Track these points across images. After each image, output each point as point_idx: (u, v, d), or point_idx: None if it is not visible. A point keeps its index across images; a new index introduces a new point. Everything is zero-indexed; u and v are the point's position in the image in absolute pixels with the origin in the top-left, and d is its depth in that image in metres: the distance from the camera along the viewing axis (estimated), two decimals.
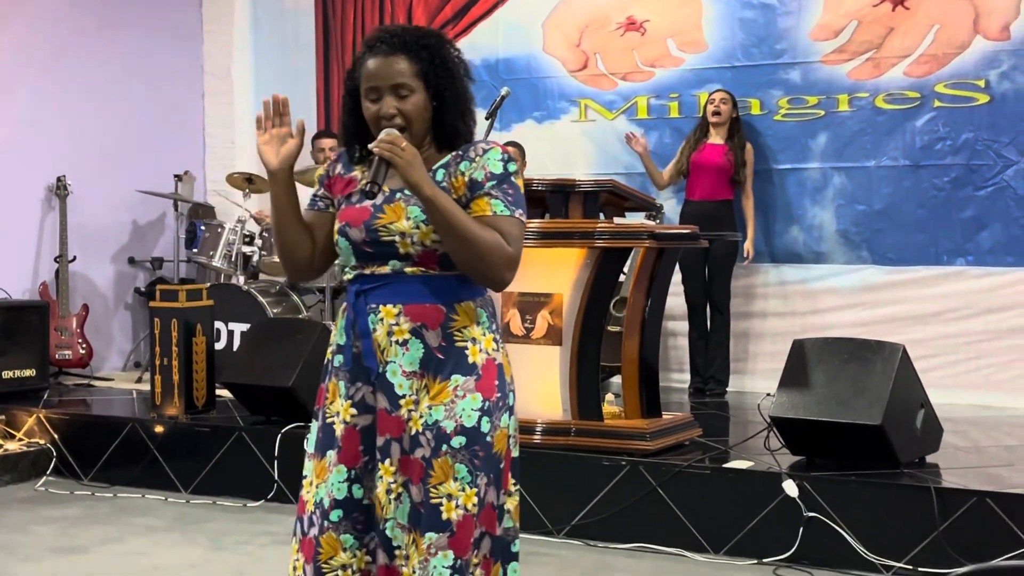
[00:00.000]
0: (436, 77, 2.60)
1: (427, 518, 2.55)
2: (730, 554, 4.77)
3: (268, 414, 6.00)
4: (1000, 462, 5.19)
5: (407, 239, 2.57)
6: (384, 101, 2.59)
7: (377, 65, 2.59)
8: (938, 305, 6.96)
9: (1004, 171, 6.81)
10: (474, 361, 2.61)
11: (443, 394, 2.58)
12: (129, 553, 4.96)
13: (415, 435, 2.58)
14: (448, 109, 2.62)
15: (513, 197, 2.60)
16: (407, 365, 2.59)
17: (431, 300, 2.59)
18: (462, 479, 2.55)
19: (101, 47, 8.20)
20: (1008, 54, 6.79)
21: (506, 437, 2.64)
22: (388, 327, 2.59)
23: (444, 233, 2.52)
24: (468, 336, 2.61)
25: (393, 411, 2.60)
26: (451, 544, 2.54)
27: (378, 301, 2.60)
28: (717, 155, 7.09)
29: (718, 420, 6.30)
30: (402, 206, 2.59)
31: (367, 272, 2.63)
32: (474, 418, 2.57)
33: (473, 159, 2.62)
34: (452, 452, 2.55)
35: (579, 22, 7.91)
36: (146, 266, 8.58)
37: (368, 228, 2.60)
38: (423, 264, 2.59)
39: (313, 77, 8.84)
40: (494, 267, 2.55)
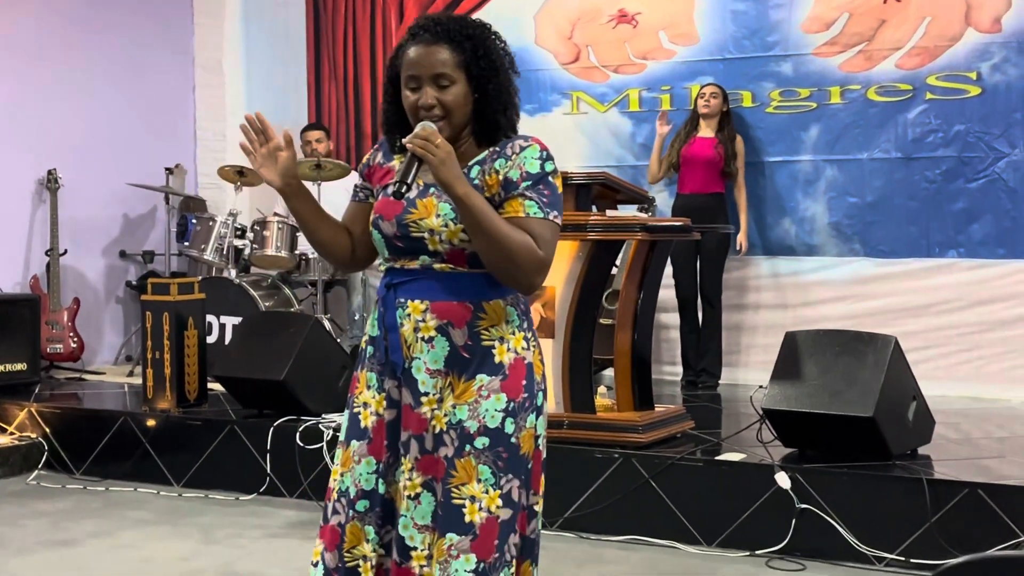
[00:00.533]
0: (479, 69, 2.55)
1: (449, 519, 2.51)
2: (723, 546, 4.78)
3: (260, 408, 5.99)
4: (992, 453, 5.20)
5: (436, 236, 2.53)
6: (424, 91, 2.53)
7: (419, 54, 2.54)
8: (930, 297, 6.97)
9: (995, 163, 6.82)
10: (501, 361, 2.57)
11: (467, 393, 2.55)
12: (121, 546, 4.95)
13: (439, 434, 2.55)
14: (490, 102, 2.57)
15: (548, 199, 2.54)
16: (431, 363, 2.56)
17: (458, 298, 2.55)
18: (485, 480, 2.52)
19: (92, 40, 8.18)
20: (999, 46, 6.79)
21: (533, 438, 2.60)
22: (415, 323, 2.56)
23: (474, 233, 2.47)
24: (496, 335, 2.57)
25: (416, 408, 2.57)
26: (473, 547, 2.50)
27: (406, 296, 2.57)
28: (707, 148, 7.09)
29: (710, 412, 6.30)
30: (434, 202, 2.55)
31: (397, 266, 2.61)
32: (498, 419, 2.53)
33: (510, 156, 2.56)
34: (475, 453, 2.52)
35: (571, 14, 7.90)
36: (137, 259, 8.56)
37: (399, 223, 2.56)
38: (452, 261, 2.55)
39: (304, 69, 8.82)
40: (523, 270, 2.49)
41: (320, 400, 5.83)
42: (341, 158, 8.30)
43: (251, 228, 7.59)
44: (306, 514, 5.40)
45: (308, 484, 5.59)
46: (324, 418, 5.70)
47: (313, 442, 5.56)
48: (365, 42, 8.60)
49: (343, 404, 6.04)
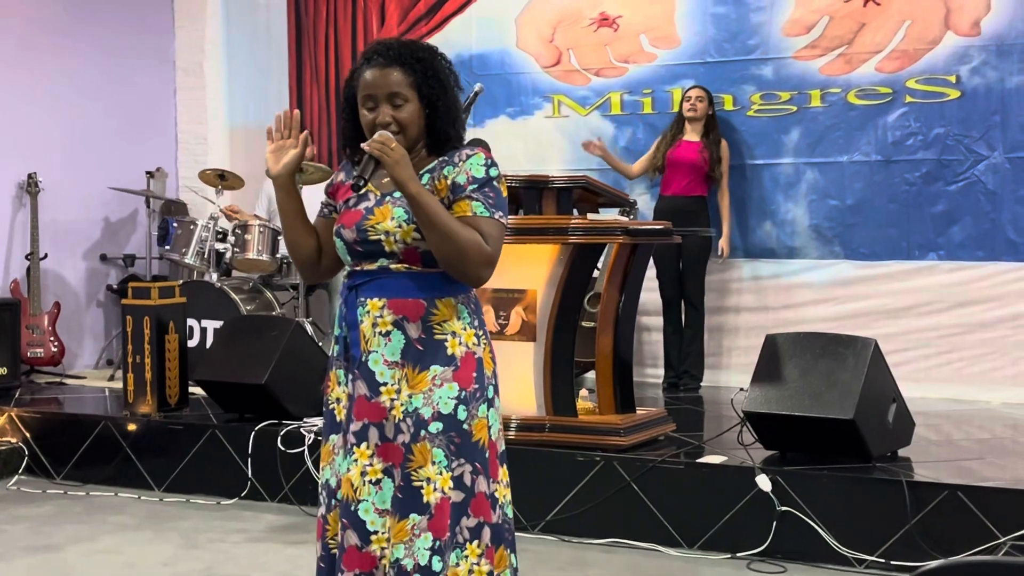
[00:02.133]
0: (429, 88, 2.79)
1: (408, 501, 2.69)
2: (704, 548, 4.79)
3: (241, 411, 5.98)
4: (971, 455, 5.23)
5: (391, 237, 2.74)
6: (380, 109, 2.77)
7: (374, 76, 2.78)
8: (910, 299, 7.00)
9: (975, 166, 6.85)
10: (453, 353, 2.76)
11: (422, 383, 2.73)
12: (102, 551, 4.94)
13: (397, 423, 2.73)
14: (440, 117, 2.81)
15: (494, 200, 2.77)
16: (389, 355, 2.75)
17: (413, 295, 2.75)
18: (439, 463, 2.70)
19: (72, 42, 8.15)
20: (978, 50, 6.83)
21: (486, 427, 2.78)
22: (373, 319, 2.77)
23: (426, 229, 2.68)
24: (448, 329, 2.77)
25: (373, 397, 2.75)
26: (430, 526, 2.68)
27: (366, 295, 2.78)
28: (692, 152, 7.11)
29: (692, 415, 6.32)
30: (389, 208, 2.77)
31: (359, 269, 2.81)
32: (451, 406, 2.72)
33: (456, 164, 2.79)
34: (430, 437, 2.70)
35: (552, 18, 7.91)
36: (118, 263, 8.53)
37: (359, 228, 2.78)
38: (407, 261, 2.76)
39: (285, 73, 8.80)
40: (472, 264, 2.70)
41: (302, 404, 5.82)
42: (323, 161, 8.29)
43: (232, 231, 7.57)
44: (287, 518, 5.39)
45: (290, 488, 5.58)
46: (306, 422, 5.69)
47: (295, 446, 5.55)
48: (347, 46, 8.59)
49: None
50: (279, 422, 5.72)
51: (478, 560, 2.76)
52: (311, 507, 5.47)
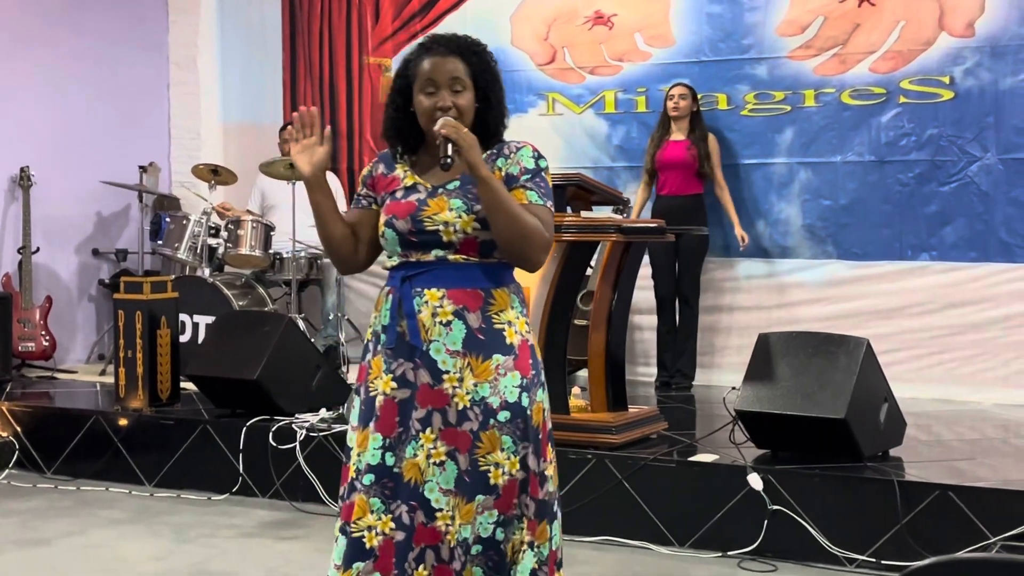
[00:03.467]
0: (484, 80, 2.91)
1: (476, 483, 2.81)
2: (695, 547, 4.79)
3: (233, 407, 5.97)
4: (962, 456, 5.23)
5: (450, 227, 2.82)
6: (441, 94, 2.85)
7: (435, 63, 2.87)
8: (902, 300, 7.01)
9: (968, 167, 6.86)
10: (511, 342, 2.86)
11: (486, 372, 2.82)
12: (92, 546, 4.93)
13: (463, 410, 2.82)
14: (492, 109, 2.92)
15: (544, 189, 2.89)
16: (450, 344, 2.83)
17: (472, 285, 2.84)
18: (508, 449, 2.82)
19: (65, 37, 8.14)
20: (972, 51, 6.84)
21: (542, 410, 2.91)
22: (432, 309, 2.83)
23: (495, 212, 2.76)
24: (504, 319, 2.87)
25: (435, 385, 2.83)
26: (496, 504, 2.81)
27: (423, 285, 2.85)
28: (680, 151, 7.10)
29: (684, 414, 6.32)
30: (444, 199, 2.84)
31: (412, 260, 2.87)
32: (515, 394, 2.83)
33: (508, 156, 2.90)
34: (498, 425, 2.81)
35: (547, 16, 7.90)
36: (110, 258, 8.52)
37: (414, 219, 2.84)
38: (464, 252, 2.84)
39: (279, 68, 8.79)
40: (534, 248, 2.82)
41: (293, 400, 5.82)
42: None
43: (225, 227, 7.56)
44: (278, 514, 5.39)
45: (281, 484, 5.57)
46: (297, 418, 5.69)
47: (286, 442, 5.55)
48: (341, 41, 8.58)
49: (316, 404, 6.07)
50: (271, 418, 5.72)
51: (523, 532, 2.87)
52: (302, 503, 5.47)
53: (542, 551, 2.89)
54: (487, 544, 2.82)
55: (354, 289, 8.48)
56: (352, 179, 8.46)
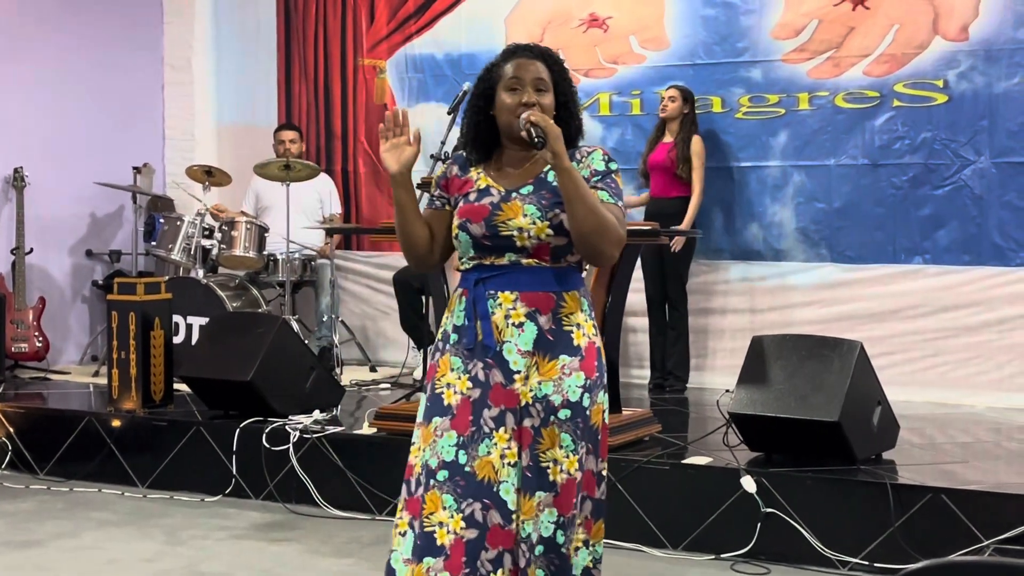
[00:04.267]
0: (564, 88, 3.02)
1: (536, 480, 2.88)
2: (688, 549, 4.79)
3: (226, 409, 5.96)
4: (955, 459, 5.24)
5: (524, 233, 2.90)
6: (527, 91, 2.96)
7: (521, 64, 2.99)
8: (895, 303, 7.01)
9: (962, 170, 6.86)
10: (579, 344, 2.95)
11: (552, 371, 2.92)
12: (85, 548, 4.92)
13: (525, 406, 2.91)
14: (571, 115, 3.02)
15: (615, 189, 2.97)
16: (522, 345, 2.92)
17: (544, 288, 2.94)
18: (566, 447, 2.90)
19: (60, 37, 8.13)
20: (966, 55, 6.84)
21: (601, 412, 2.98)
22: (506, 311, 2.93)
23: (574, 203, 2.82)
24: (574, 321, 2.96)
25: (508, 385, 2.92)
26: (556, 502, 2.88)
27: (497, 288, 2.94)
28: (662, 154, 7.09)
29: (677, 416, 6.32)
30: (519, 204, 2.93)
31: (486, 263, 2.96)
32: (578, 394, 2.91)
33: (580, 160, 2.99)
34: (559, 423, 2.90)
35: (541, 18, 7.90)
36: (104, 259, 8.50)
37: (488, 223, 2.93)
38: (537, 256, 2.92)
39: (274, 69, 8.79)
40: (609, 242, 2.88)
41: (287, 401, 5.81)
42: (311, 158, 8.28)
43: (219, 228, 7.56)
44: (271, 516, 5.38)
45: (274, 486, 5.57)
46: (291, 419, 5.68)
47: (279, 444, 5.54)
48: (336, 43, 8.58)
49: (310, 405, 6.07)
50: (264, 419, 5.71)
51: (578, 529, 2.95)
52: (295, 504, 5.46)
53: (596, 550, 3.02)
54: (548, 546, 2.89)
55: (348, 291, 8.48)
56: (347, 181, 8.46)
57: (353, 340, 8.11)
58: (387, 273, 8.02)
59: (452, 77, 8.04)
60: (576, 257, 2.98)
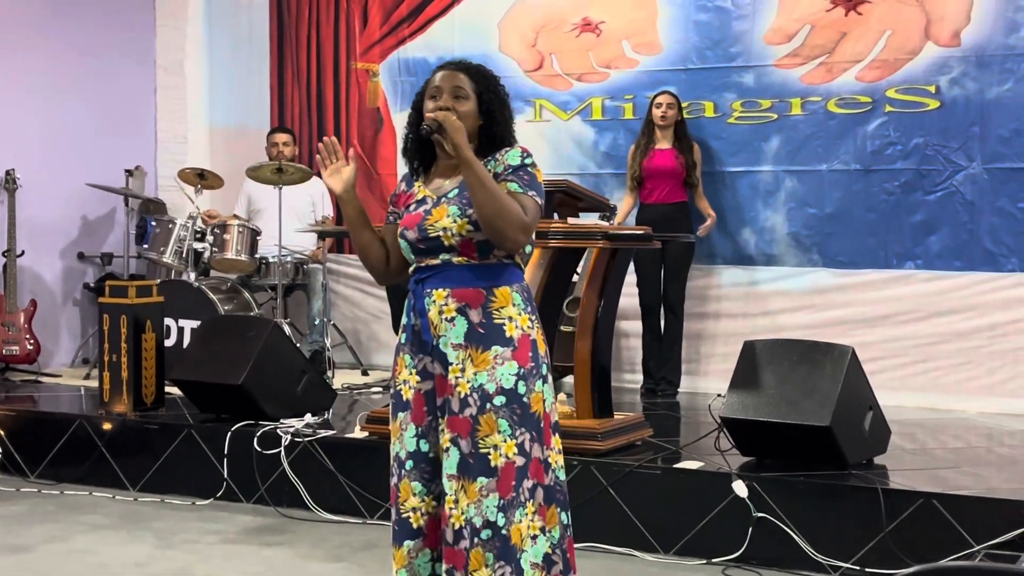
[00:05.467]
0: (489, 97, 3.22)
1: (477, 466, 3.06)
2: (680, 554, 4.80)
3: (218, 412, 5.95)
4: (946, 464, 5.25)
5: (448, 232, 3.11)
6: (443, 97, 3.18)
7: (443, 75, 3.23)
8: (887, 308, 7.02)
9: (953, 176, 6.88)
10: (511, 335, 3.12)
11: (485, 362, 3.09)
12: (75, 551, 4.91)
13: (464, 397, 3.09)
14: (497, 124, 3.22)
15: (528, 181, 3.15)
16: (455, 338, 3.12)
17: (473, 284, 3.13)
18: (504, 432, 3.07)
19: (52, 39, 8.12)
20: (958, 60, 6.86)
21: (541, 400, 3.14)
22: (439, 307, 3.14)
23: (475, 188, 3.03)
24: (505, 315, 3.13)
25: (446, 376, 3.13)
26: (497, 487, 3.05)
27: (432, 286, 3.15)
28: (669, 160, 7.10)
29: (669, 420, 6.32)
30: (444, 207, 3.14)
31: (423, 264, 3.17)
32: (511, 381, 3.09)
33: (497, 159, 3.19)
34: (495, 409, 3.07)
35: (535, 22, 7.91)
36: (95, 261, 8.49)
37: (419, 228, 3.15)
38: (465, 254, 3.12)
39: (267, 73, 8.79)
40: (510, 225, 3.03)
41: (278, 405, 5.81)
42: (303, 162, 8.27)
43: (211, 231, 7.55)
44: (263, 519, 5.37)
45: (265, 489, 5.56)
46: (282, 423, 5.68)
47: (271, 447, 5.54)
48: (328, 47, 8.58)
49: (302, 409, 6.08)
50: (255, 423, 5.70)
51: (532, 517, 3.10)
52: (287, 508, 5.46)
53: (553, 535, 3.16)
54: (493, 529, 3.04)
55: (340, 294, 8.47)
56: None
57: (345, 344, 8.10)
58: None
59: None
60: (504, 252, 3.15)
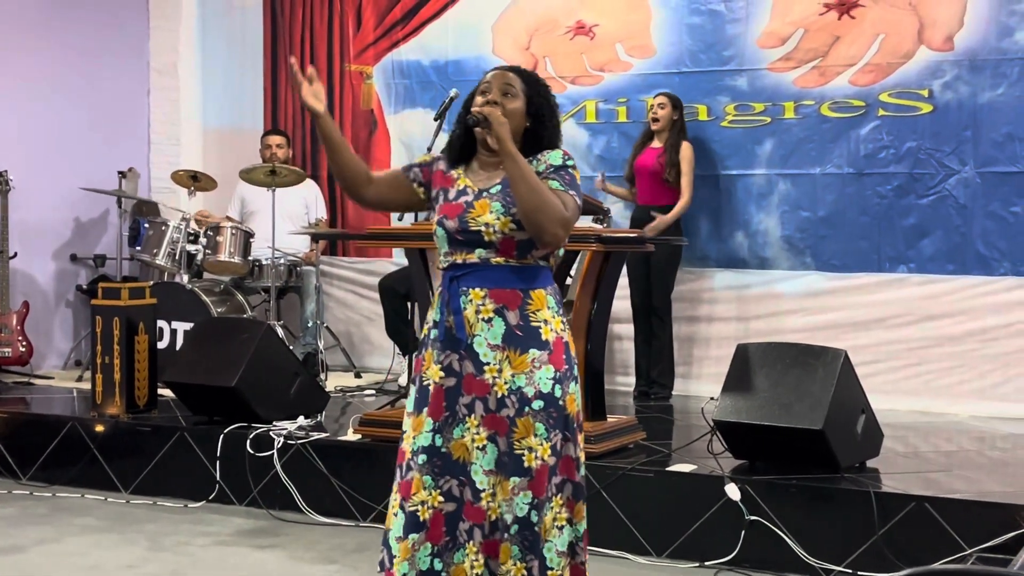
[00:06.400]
0: (538, 99, 3.26)
1: (512, 465, 3.12)
2: (672, 557, 4.80)
3: (210, 414, 5.95)
4: (938, 467, 5.26)
5: (490, 228, 3.13)
6: (492, 93, 3.21)
7: (495, 74, 3.28)
8: (880, 311, 7.03)
9: (946, 180, 6.89)
10: (546, 339, 3.16)
11: (523, 365, 3.14)
12: (67, 553, 4.90)
13: (501, 397, 3.14)
14: (545, 126, 3.25)
15: (568, 181, 3.18)
16: (491, 339, 3.15)
17: (511, 285, 3.16)
18: (540, 435, 3.12)
19: (46, 41, 8.10)
20: (951, 64, 6.87)
21: (574, 401, 3.21)
22: (476, 307, 3.15)
23: (517, 182, 3.06)
24: (541, 318, 3.17)
25: (478, 375, 3.15)
26: (531, 486, 3.11)
27: (468, 285, 3.16)
28: (651, 159, 7.09)
29: (662, 423, 6.32)
30: (487, 202, 3.17)
31: (459, 260, 3.18)
32: (549, 385, 3.14)
33: (540, 159, 3.21)
34: (532, 413, 3.12)
35: (528, 25, 7.91)
36: (88, 263, 8.48)
37: (460, 219, 3.16)
38: (504, 254, 3.14)
39: (260, 75, 8.78)
40: (551, 220, 3.06)
41: (271, 407, 5.80)
42: (297, 164, 8.26)
43: (204, 233, 7.54)
44: (255, 522, 5.37)
45: (258, 492, 5.55)
46: (275, 425, 5.67)
47: (264, 449, 5.53)
48: (322, 49, 8.57)
49: (294, 411, 6.06)
50: (248, 425, 5.70)
51: (560, 509, 3.17)
52: (279, 511, 5.45)
53: (578, 528, 3.25)
54: (523, 524, 3.11)
55: (333, 297, 8.47)
56: (332, 186, 8.44)
57: (338, 346, 8.10)
58: (372, 279, 8.01)
59: (438, 83, 8.04)
60: (542, 253, 3.19)
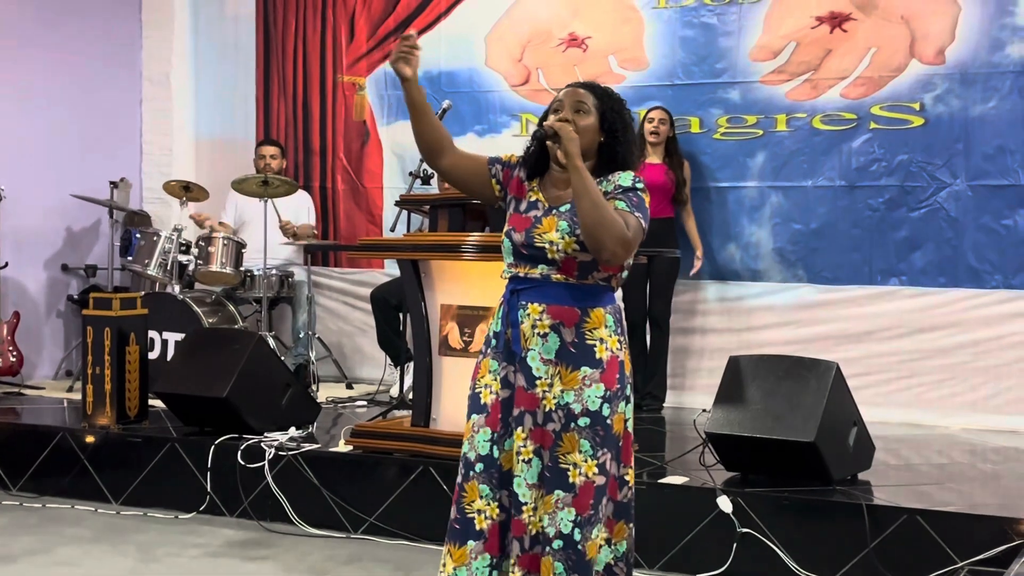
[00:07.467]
0: (612, 116, 3.26)
1: (555, 479, 3.15)
2: (664, 569, 4.79)
3: (201, 425, 5.93)
4: (930, 480, 5.26)
5: (554, 247, 3.17)
6: (564, 111, 3.24)
7: (568, 91, 3.31)
8: (871, 324, 7.04)
9: (937, 193, 6.91)
10: (600, 357, 3.18)
11: (573, 381, 3.17)
12: (57, 564, 4.88)
13: (548, 412, 3.17)
14: (619, 143, 3.26)
15: (635, 203, 3.17)
16: (545, 353, 3.19)
17: (569, 303, 3.19)
18: (585, 452, 3.15)
19: (38, 50, 8.10)
20: (943, 78, 6.90)
21: (623, 421, 3.25)
22: (533, 321, 3.20)
23: (582, 196, 3.07)
24: (597, 336, 3.19)
25: (529, 389, 3.19)
26: (574, 503, 3.13)
27: (528, 299, 3.21)
28: (659, 175, 7.11)
29: (654, 435, 6.32)
30: (555, 220, 3.20)
31: (521, 274, 3.23)
32: (597, 404, 3.16)
33: (609, 179, 3.23)
34: (578, 430, 3.15)
35: (521, 37, 7.92)
36: (80, 273, 8.47)
37: (527, 234, 3.21)
38: (565, 272, 3.18)
39: (253, 85, 8.78)
40: (611, 238, 3.05)
41: (262, 418, 5.79)
42: (289, 174, 8.27)
43: (196, 244, 7.53)
44: (246, 533, 5.35)
45: (249, 503, 5.54)
46: (266, 436, 5.66)
47: (254, 461, 5.52)
48: (315, 59, 8.58)
49: (286, 422, 6.06)
50: (239, 436, 5.69)
51: (594, 527, 3.17)
52: (270, 522, 5.44)
53: (618, 548, 3.29)
54: (567, 542, 3.13)
55: (325, 307, 8.46)
56: (324, 198, 8.44)
57: (330, 357, 8.09)
58: (364, 290, 8.01)
59: (431, 95, 8.02)
60: (604, 275, 3.21)
